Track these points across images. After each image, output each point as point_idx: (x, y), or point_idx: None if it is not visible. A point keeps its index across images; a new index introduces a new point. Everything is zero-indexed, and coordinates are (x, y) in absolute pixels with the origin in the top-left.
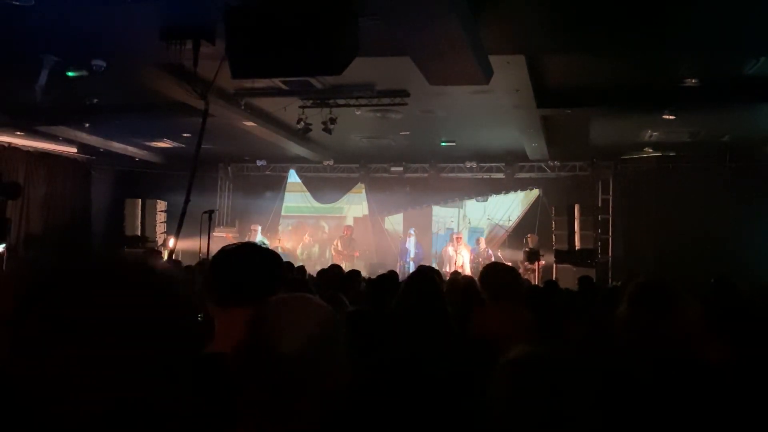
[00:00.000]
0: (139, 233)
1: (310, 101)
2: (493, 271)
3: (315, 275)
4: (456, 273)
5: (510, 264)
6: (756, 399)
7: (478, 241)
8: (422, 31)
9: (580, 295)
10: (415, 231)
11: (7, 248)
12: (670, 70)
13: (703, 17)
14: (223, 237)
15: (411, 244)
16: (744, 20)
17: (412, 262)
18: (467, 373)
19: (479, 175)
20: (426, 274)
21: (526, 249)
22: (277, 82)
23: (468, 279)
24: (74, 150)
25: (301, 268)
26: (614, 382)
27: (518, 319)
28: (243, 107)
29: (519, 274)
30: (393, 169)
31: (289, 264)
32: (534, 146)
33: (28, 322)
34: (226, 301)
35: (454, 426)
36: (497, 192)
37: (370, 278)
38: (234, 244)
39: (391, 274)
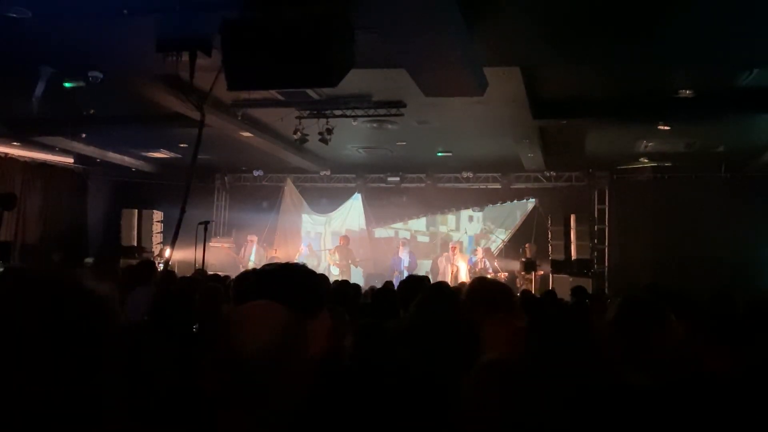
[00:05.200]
0: (135, 243)
1: (307, 112)
2: (481, 290)
3: None
4: (462, 284)
5: (503, 275)
6: (754, 410)
7: (475, 252)
8: (417, 43)
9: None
10: (407, 241)
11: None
12: (665, 81)
13: (697, 29)
14: (219, 248)
15: (404, 254)
16: (737, 32)
17: (405, 271)
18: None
19: (475, 185)
20: (443, 289)
21: (523, 259)
22: (273, 93)
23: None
24: (71, 160)
25: None
26: (606, 394)
27: (516, 332)
28: (239, 118)
29: (509, 288)
30: (390, 179)
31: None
32: (530, 156)
33: None
34: None
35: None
36: (494, 202)
37: (372, 288)
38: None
39: (390, 286)
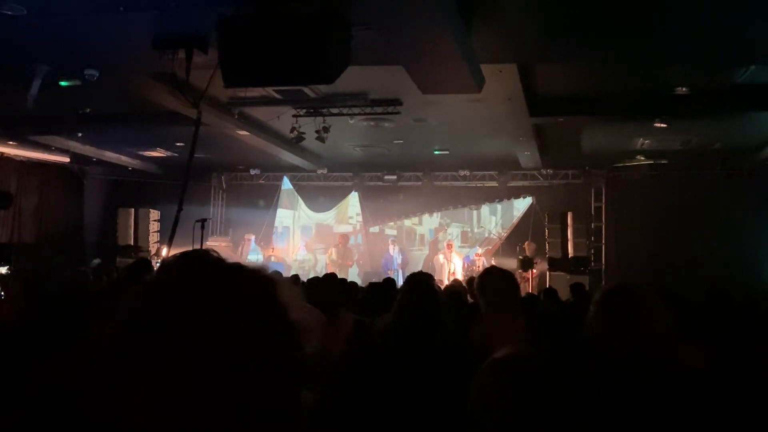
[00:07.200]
0: (131, 242)
1: (304, 110)
2: (491, 277)
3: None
4: (456, 281)
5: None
6: (730, 407)
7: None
8: (415, 40)
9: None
10: (396, 239)
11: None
12: (662, 78)
13: (693, 27)
14: (216, 246)
15: (395, 251)
16: (733, 29)
17: (400, 270)
18: (464, 382)
19: (472, 184)
20: (424, 284)
21: (520, 257)
22: (270, 91)
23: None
24: (67, 159)
25: (296, 277)
26: (591, 391)
27: (516, 328)
28: (236, 116)
29: (516, 280)
30: (386, 177)
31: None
32: (526, 154)
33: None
34: None
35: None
36: (490, 200)
37: (370, 284)
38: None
39: (388, 282)
